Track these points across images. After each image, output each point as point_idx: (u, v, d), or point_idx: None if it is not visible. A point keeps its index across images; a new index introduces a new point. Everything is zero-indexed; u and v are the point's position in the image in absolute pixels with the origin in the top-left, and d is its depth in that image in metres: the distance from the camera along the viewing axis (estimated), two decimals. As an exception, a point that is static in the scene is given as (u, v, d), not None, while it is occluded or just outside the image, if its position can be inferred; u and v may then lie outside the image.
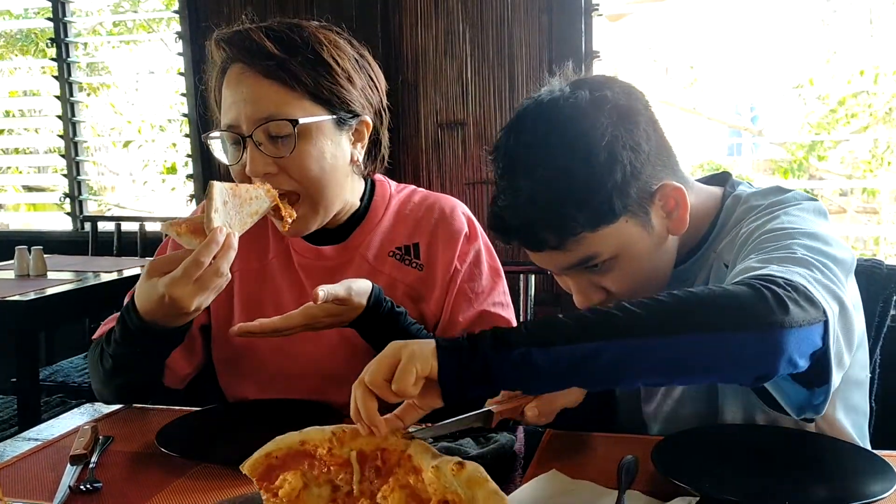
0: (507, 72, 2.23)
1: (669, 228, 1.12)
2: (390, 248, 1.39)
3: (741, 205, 1.17)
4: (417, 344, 0.86)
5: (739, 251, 1.07)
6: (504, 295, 1.43)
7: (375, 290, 1.23)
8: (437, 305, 1.37)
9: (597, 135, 1.04)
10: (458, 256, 1.37)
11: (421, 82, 2.27)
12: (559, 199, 1.05)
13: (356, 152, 1.32)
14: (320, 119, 1.25)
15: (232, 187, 1.15)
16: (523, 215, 1.07)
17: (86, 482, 1.02)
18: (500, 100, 2.24)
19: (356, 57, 1.32)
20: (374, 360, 0.87)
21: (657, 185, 1.08)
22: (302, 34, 1.26)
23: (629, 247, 1.08)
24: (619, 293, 1.11)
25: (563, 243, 1.07)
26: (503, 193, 1.10)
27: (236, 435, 1.18)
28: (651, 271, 1.13)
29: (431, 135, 2.29)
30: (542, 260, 1.12)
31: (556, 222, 1.06)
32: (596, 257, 1.08)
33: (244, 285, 1.40)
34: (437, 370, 0.83)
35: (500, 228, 1.11)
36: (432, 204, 1.42)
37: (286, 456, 0.90)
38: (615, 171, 1.04)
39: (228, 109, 1.25)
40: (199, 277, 1.09)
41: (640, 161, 1.06)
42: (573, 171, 1.04)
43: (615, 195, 1.05)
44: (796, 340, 0.83)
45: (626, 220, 1.07)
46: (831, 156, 5.30)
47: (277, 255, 1.41)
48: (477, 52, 2.22)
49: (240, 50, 1.24)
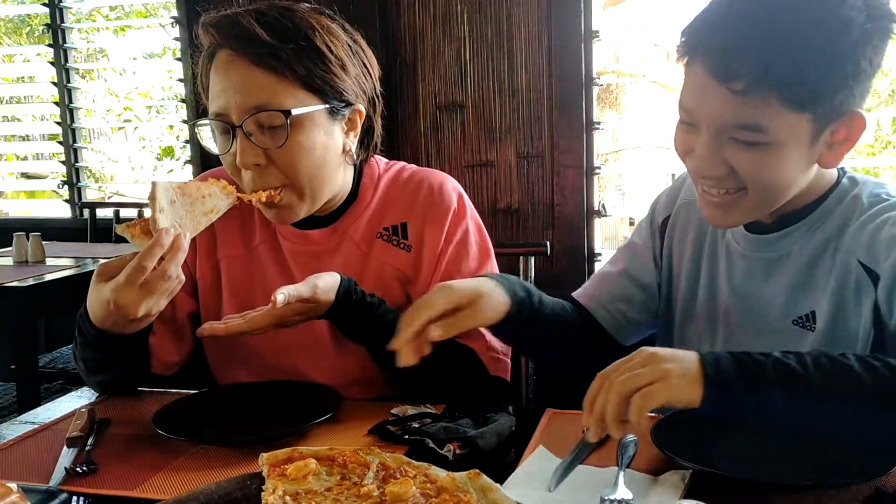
0: (506, 53, 2.21)
1: (822, 158, 1.04)
2: (378, 229, 1.36)
3: (864, 191, 1.11)
4: (677, 361, 0.87)
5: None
6: None
7: (344, 282, 1.20)
8: (424, 286, 1.36)
9: (858, 20, 0.95)
10: (445, 236, 1.35)
11: (419, 63, 2.25)
12: (788, 45, 0.94)
13: (348, 142, 1.29)
14: (313, 109, 1.21)
15: (180, 185, 1.11)
16: (742, 30, 0.95)
17: (82, 464, 1.01)
18: (499, 81, 2.22)
19: (349, 43, 1.27)
20: (630, 365, 0.89)
21: (851, 109, 1.00)
22: (294, 19, 1.22)
23: (790, 145, 1.00)
24: (745, 179, 1.03)
25: (749, 91, 0.96)
26: (732, 1, 0.99)
27: (232, 417, 1.18)
28: (782, 181, 1.04)
29: (430, 117, 2.27)
30: (707, 97, 1.01)
31: (769, 62, 0.94)
32: (760, 130, 0.98)
33: (231, 272, 1.39)
34: (700, 403, 0.85)
35: (702, 32, 1.01)
36: (420, 181, 1.39)
37: (311, 455, 0.90)
38: (847, 65, 0.96)
39: (217, 97, 1.21)
40: (144, 282, 1.05)
41: (866, 75, 0.98)
42: (818, 34, 0.94)
43: (828, 87, 0.96)
44: None
45: (808, 119, 0.99)
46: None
47: (264, 241, 1.39)
48: (475, 32, 2.21)
49: (229, 35, 1.19)
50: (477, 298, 1.09)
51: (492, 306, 1.12)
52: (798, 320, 1.13)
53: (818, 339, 1.10)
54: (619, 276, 1.34)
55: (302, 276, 1.34)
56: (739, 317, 1.19)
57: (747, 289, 1.18)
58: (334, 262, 1.35)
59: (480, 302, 1.09)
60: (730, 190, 1.05)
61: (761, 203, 1.07)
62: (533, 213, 2.26)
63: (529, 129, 2.25)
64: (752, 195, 1.05)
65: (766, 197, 1.06)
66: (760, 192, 1.04)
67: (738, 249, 1.18)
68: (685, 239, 1.27)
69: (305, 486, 0.85)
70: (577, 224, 2.25)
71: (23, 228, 2.92)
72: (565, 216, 2.22)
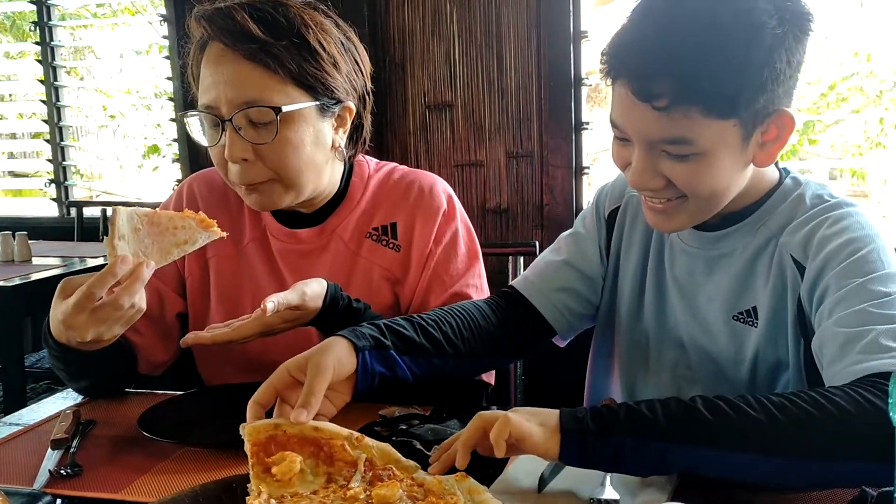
0: (495, 53, 2.21)
1: (756, 158, 1.05)
2: (367, 228, 1.36)
3: (807, 191, 1.12)
4: (538, 415, 0.88)
5: (823, 271, 1.03)
6: (479, 278, 1.41)
7: (331, 289, 1.20)
8: (412, 287, 1.35)
9: (769, 24, 0.96)
10: (434, 237, 1.35)
11: (408, 63, 2.25)
12: (703, 59, 0.94)
13: (338, 138, 1.29)
14: (303, 106, 1.21)
15: (148, 213, 1.07)
16: (656, 50, 0.96)
17: (67, 466, 1.00)
18: (489, 81, 2.22)
19: (342, 40, 1.27)
20: (473, 427, 0.88)
21: (777, 108, 1.01)
22: (287, 15, 1.21)
23: (719, 152, 1.01)
24: (682, 189, 1.04)
25: (671, 107, 0.96)
26: (646, 19, 1.00)
27: (218, 418, 1.17)
28: (719, 187, 1.05)
29: (419, 116, 2.27)
30: (632, 116, 1.02)
31: (685, 79, 0.95)
32: (687, 143, 0.99)
33: (220, 271, 1.38)
34: (558, 455, 0.86)
35: (619, 55, 1.01)
36: (411, 182, 1.39)
37: (295, 437, 0.89)
38: (764, 70, 0.96)
39: (207, 89, 1.21)
40: (94, 309, 1.02)
41: (785, 76, 0.99)
42: (731, 44, 0.95)
43: (747, 93, 0.97)
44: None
45: (734, 124, 0.99)
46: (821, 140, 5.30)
47: (253, 240, 1.38)
48: (465, 32, 2.20)
49: (221, 29, 1.19)
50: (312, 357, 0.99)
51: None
52: (739, 316, 1.14)
53: (760, 334, 1.12)
54: (563, 266, 1.30)
55: (290, 274, 1.34)
56: (684, 313, 1.20)
57: (691, 285, 1.19)
58: (323, 262, 1.35)
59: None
60: (671, 198, 1.06)
61: (703, 209, 1.08)
62: (522, 212, 2.26)
63: (519, 129, 2.25)
64: (693, 202, 1.06)
65: (706, 203, 1.07)
66: (700, 199, 1.06)
67: (683, 246, 1.19)
68: (633, 233, 1.27)
69: (291, 490, 0.84)
70: (566, 224, 2.25)
71: (9, 227, 2.89)
72: (554, 216, 2.22)
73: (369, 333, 1.05)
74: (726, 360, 1.16)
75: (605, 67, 1.03)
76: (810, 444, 0.83)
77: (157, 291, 1.37)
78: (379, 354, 1.05)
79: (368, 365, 1.02)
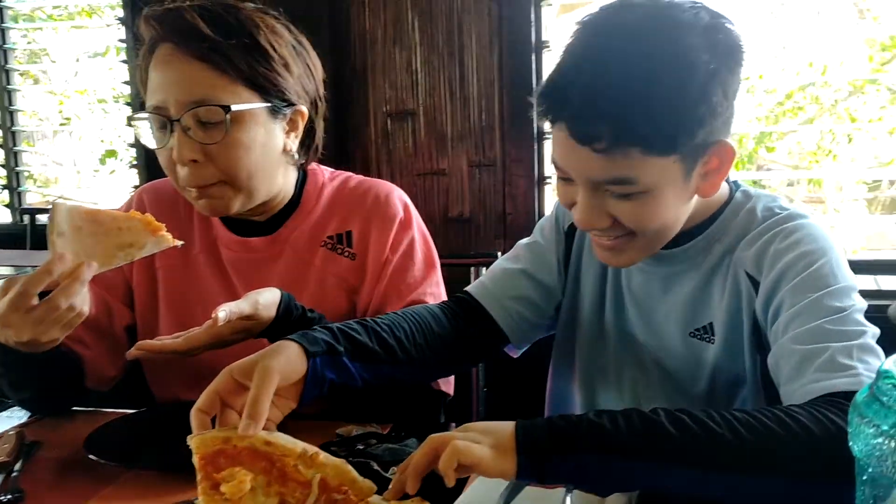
0: (458, 62, 2.20)
1: (700, 189, 1.06)
2: (322, 237, 1.35)
3: (759, 205, 1.13)
4: (491, 433, 0.84)
5: (777, 286, 1.03)
6: (437, 286, 1.40)
7: (284, 298, 1.17)
8: (368, 295, 1.34)
9: (702, 59, 0.96)
10: (390, 245, 1.34)
11: (369, 71, 2.23)
12: (639, 101, 0.94)
13: (289, 142, 1.28)
14: (253, 106, 1.20)
15: (90, 212, 1.02)
16: (593, 94, 0.95)
17: (7, 492, 0.96)
18: (451, 90, 2.21)
19: (294, 43, 1.27)
20: (423, 452, 0.84)
21: (716, 140, 1.01)
22: (238, 16, 1.21)
23: (663, 188, 1.01)
24: (628, 227, 1.04)
25: (610, 149, 0.96)
26: (581, 61, 0.98)
27: (169, 439, 1.13)
28: (666, 222, 1.06)
29: (381, 125, 2.25)
30: (573, 157, 1.01)
31: (623, 121, 0.95)
32: (630, 183, 0.99)
33: (169, 282, 1.35)
34: (515, 475, 0.83)
35: (555, 99, 1.00)
36: (367, 190, 1.38)
37: (246, 450, 0.86)
38: (700, 105, 0.96)
39: (156, 90, 1.19)
40: (31, 309, 0.98)
41: (722, 108, 0.99)
42: (665, 82, 0.95)
43: (685, 130, 0.97)
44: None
45: (674, 161, 0.99)
46: (779, 147, 5.40)
47: (203, 250, 1.35)
48: (426, 40, 2.19)
49: (171, 29, 1.18)
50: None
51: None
52: (696, 332, 1.15)
53: (717, 350, 1.12)
54: (520, 275, 1.30)
55: (242, 284, 1.31)
56: (643, 329, 1.20)
57: (648, 302, 1.19)
58: (275, 271, 1.33)
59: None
60: (619, 235, 1.06)
61: (652, 243, 1.09)
62: (485, 222, 2.26)
63: (481, 138, 2.25)
64: (642, 238, 1.06)
65: (655, 237, 1.08)
66: (648, 235, 1.06)
67: (639, 265, 1.19)
68: (592, 249, 1.27)
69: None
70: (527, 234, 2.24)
71: (-43, 235, 2.81)
72: (516, 225, 2.21)
73: (322, 338, 1.02)
74: (684, 376, 1.17)
75: (542, 110, 1.02)
76: (775, 462, 0.82)
77: (104, 302, 1.33)
78: (331, 360, 1.01)
79: (319, 371, 0.99)
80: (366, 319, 1.12)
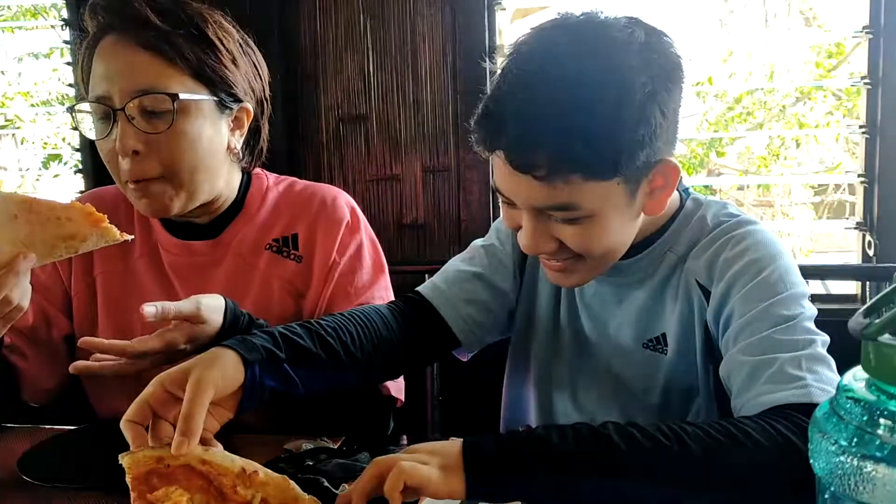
0: (411, 66, 2.18)
1: (646, 207, 1.05)
2: (267, 240, 1.33)
3: (709, 212, 1.13)
4: (438, 454, 0.83)
5: (727, 294, 1.03)
6: (385, 290, 1.38)
7: (230, 305, 1.14)
8: (315, 299, 1.32)
9: (639, 81, 0.94)
10: (337, 248, 1.33)
11: (321, 75, 2.20)
12: (577, 127, 0.92)
13: (234, 140, 1.27)
14: (200, 98, 1.19)
15: (26, 200, 0.96)
16: (529, 122, 0.94)
17: (-67, 519, 0.91)
18: (403, 95, 2.19)
19: (240, 41, 1.28)
20: (368, 476, 0.83)
21: (659, 159, 1.01)
22: (186, 10, 1.20)
23: (607, 211, 1.00)
24: (574, 250, 1.03)
25: (550, 176, 0.95)
26: (515, 89, 0.96)
27: (109, 458, 1.09)
28: (613, 243, 1.05)
29: (332, 129, 2.22)
30: (513, 185, 1.00)
31: (560, 148, 0.93)
32: (573, 208, 0.98)
33: (108, 288, 1.31)
34: (465, 495, 0.81)
35: (490, 128, 0.98)
36: (313, 193, 1.38)
37: (181, 469, 0.82)
38: (640, 127, 0.95)
39: (100, 81, 1.16)
40: None
41: (662, 128, 0.98)
42: (602, 106, 0.93)
43: (626, 153, 0.95)
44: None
45: (618, 183, 0.98)
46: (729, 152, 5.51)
47: (144, 255, 1.32)
48: (378, 44, 2.17)
49: (118, 17, 1.16)
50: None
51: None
52: (649, 343, 1.15)
53: (670, 361, 1.12)
54: (474, 278, 1.28)
55: (184, 289, 1.29)
56: (597, 339, 1.21)
57: (602, 312, 1.20)
58: (218, 275, 1.30)
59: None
60: (567, 257, 1.06)
61: (600, 264, 1.09)
62: (439, 228, 2.24)
63: (435, 144, 2.23)
64: (590, 260, 1.06)
65: (603, 258, 1.07)
66: (596, 257, 1.05)
67: None
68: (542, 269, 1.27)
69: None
70: (483, 239, 2.24)
71: None
72: (471, 232, 2.20)
73: (261, 345, 0.97)
74: (638, 387, 1.16)
75: (478, 138, 1.00)
76: (724, 476, 0.82)
77: (42, 311, 1.29)
78: (271, 368, 0.96)
79: (258, 380, 0.94)
80: (310, 322, 1.08)
